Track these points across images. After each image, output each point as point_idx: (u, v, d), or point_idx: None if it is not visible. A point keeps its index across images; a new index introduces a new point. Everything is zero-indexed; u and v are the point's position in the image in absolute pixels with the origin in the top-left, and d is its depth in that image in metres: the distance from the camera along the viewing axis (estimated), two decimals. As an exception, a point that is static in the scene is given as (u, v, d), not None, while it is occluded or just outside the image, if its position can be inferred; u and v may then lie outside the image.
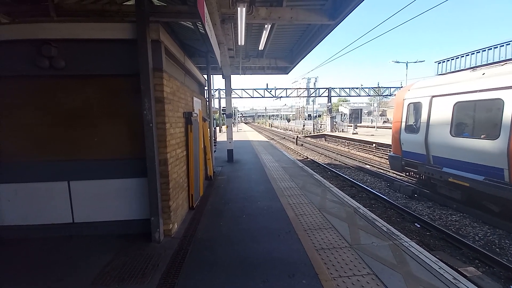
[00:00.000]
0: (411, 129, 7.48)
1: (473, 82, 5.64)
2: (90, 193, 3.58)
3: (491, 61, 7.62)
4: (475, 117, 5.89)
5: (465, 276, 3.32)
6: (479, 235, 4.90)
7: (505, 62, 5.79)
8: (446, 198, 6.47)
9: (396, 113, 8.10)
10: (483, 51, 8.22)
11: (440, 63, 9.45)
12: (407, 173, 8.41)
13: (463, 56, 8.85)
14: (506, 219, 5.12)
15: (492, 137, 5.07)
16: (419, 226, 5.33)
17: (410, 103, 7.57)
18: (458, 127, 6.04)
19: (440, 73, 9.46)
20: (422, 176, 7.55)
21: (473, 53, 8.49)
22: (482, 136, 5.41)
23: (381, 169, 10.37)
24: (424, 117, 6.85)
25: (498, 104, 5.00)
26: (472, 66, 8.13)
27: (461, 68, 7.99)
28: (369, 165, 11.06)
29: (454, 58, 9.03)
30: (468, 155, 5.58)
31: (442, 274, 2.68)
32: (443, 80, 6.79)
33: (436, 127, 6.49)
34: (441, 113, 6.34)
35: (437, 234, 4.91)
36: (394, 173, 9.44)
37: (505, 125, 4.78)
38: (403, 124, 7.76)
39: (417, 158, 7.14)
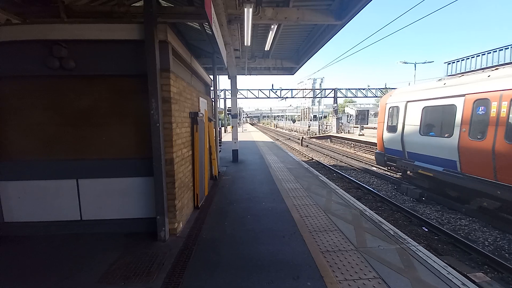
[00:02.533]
0: (391, 129, 8.58)
1: (437, 90, 6.85)
2: (98, 191, 3.64)
3: (503, 62, 7.45)
4: (437, 120, 6.96)
5: (474, 282, 3.24)
6: (489, 240, 4.79)
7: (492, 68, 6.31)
8: (452, 200, 6.36)
9: (380, 115, 9.31)
10: (494, 51, 8.04)
11: (450, 63, 9.29)
12: (389, 168, 9.59)
13: (473, 57, 8.67)
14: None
15: (449, 136, 6.23)
16: (427, 230, 5.24)
17: (390, 107, 8.75)
18: (425, 127, 7.17)
19: (450, 74, 9.28)
20: (400, 170, 8.72)
21: (484, 54, 8.31)
22: (442, 135, 6.56)
23: (388, 171, 10.24)
24: (401, 119, 8.10)
25: (453, 109, 6.20)
26: (482, 67, 7.97)
27: (472, 69, 7.97)
28: (376, 167, 10.92)
29: (465, 58, 8.85)
30: (432, 150, 6.77)
31: (450, 280, 2.62)
32: (416, 88, 8.18)
33: (409, 127, 7.71)
34: (413, 115, 7.57)
35: (446, 239, 4.82)
36: (400, 175, 9.34)
37: (457, 125, 5.99)
38: (385, 125, 8.93)
39: (396, 154, 8.36)
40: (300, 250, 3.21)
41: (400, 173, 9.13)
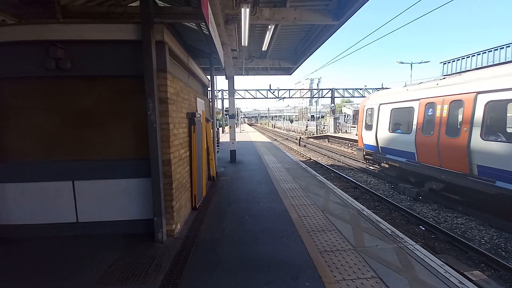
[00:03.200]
0: (368, 127, 9.93)
1: (402, 95, 8.26)
2: (94, 193, 3.61)
3: (498, 62, 7.55)
4: (402, 119, 8.25)
5: (471, 280, 3.27)
6: (485, 239, 4.83)
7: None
8: (444, 198, 6.42)
9: (360, 116, 10.70)
10: (489, 51, 8.15)
11: (445, 63, 9.37)
12: (367, 161, 10.72)
13: (469, 57, 8.78)
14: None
15: (409, 132, 7.60)
16: (424, 228, 5.27)
17: (368, 108, 10.13)
18: (393, 125, 8.59)
19: (445, 73, 9.38)
20: (376, 163, 10.10)
21: (479, 54, 8.41)
22: (405, 132, 7.92)
23: (371, 166, 10.35)
24: (375, 119, 9.44)
25: (411, 110, 7.59)
26: (478, 67, 8.08)
27: (467, 69, 8.21)
28: (373, 167, 10.97)
29: (460, 58, 8.94)
30: (398, 145, 8.17)
31: (448, 278, 2.64)
32: (387, 92, 9.62)
33: (381, 126, 9.08)
34: (384, 116, 8.96)
35: (443, 237, 4.85)
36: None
37: (414, 124, 7.38)
38: (364, 124, 10.29)
39: (372, 149, 9.77)
40: (299, 250, 3.21)
41: (377, 166, 10.48)
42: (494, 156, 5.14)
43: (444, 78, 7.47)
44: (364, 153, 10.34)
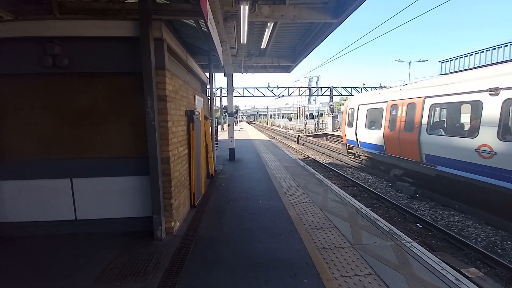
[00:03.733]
0: (350, 125, 11.51)
1: (375, 97, 9.86)
2: (93, 190, 3.60)
3: (496, 61, 7.59)
4: (375, 117, 9.72)
5: (467, 277, 3.30)
6: (481, 236, 4.88)
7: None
8: (445, 196, 6.48)
9: (344, 115, 12.43)
10: (487, 50, 8.18)
11: (444, 62, 9.41)
12: (350, 154, 12.23)
13: (466, 56, 8.80)
14: (509, 220, 5.10)
15: (380, 129, 9.14)
16: (421, 226, 5.32)
17: (349, 108, 11.67)
18: (369, 123, 10.06)
19: (444, 72, 9.42)
20: (356, 155, 11.60)
21: (477, 53, 8.44)
22: (377, 128, 9.45)
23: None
24: (355, 117, 10.92)
25: (381, 110, 9.13)
26: (475, 66, 8.13)
27: (465, 68, 8.40)
28: (356, 160, 11.11)
29: (458, 57, 8.97)
30: (372, 139, 9.66)
31: (444, 275, 2.67)
32: (365, 95, 11.43)
33: (360, 123, 10.57)
34: (362, 115, 10.44)
35: (439, 235, 4.89)
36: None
37: (383, 122, 8.93)
38: (346, 122, 11.87)
39: (353, 143, 11.37)
40: (297, 248, 3.23)
41: (357, 158, 11.77)
42: (436, 146, 6.62)
43: (406, 84, 9.79)
44: (347, 147, 12.12)
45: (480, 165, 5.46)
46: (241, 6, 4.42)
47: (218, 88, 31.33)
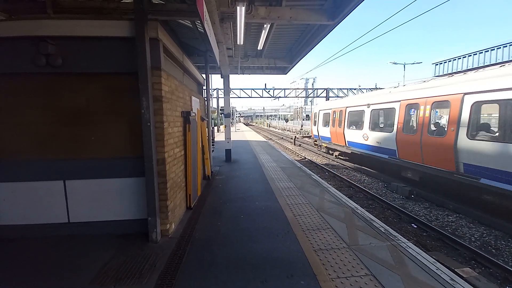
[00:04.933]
0: (314, 123, 16.22)
1: (326, 105, 14.74)
2: (87, 192, 3.54)
3: (489, 63, 7.71)
4: (326, 119, 14.16)
5: (461, 277, 3.34)
6: (475, 236, 4.94)
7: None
8: (442, 197, 6.55)
9: (311, 117, 17.78)
10: (480, 53, 8.31)
11: (437, 64, 9.52)
12: (315, 145, 16.60)
13: (460, 58, 8.93)
14: (502, 219, 5.17)
15: (328, 126, 13.36)
16: (416, 226, 5.36)
17: (315, 112, 16.53)
18: (324, 122, 14.51)
19: (438, 74, 9.55)
20: (318, 145, 15.98)
21: (470, 55, 8.57)
22: (327, 126, 13.77)
23: (376, 170, 10.40)
24: (317, 119, 15.59)
25: (330, 114, 13.44)
26: (468, 68, 8.25)
27: (458, 70, 8.49)
28: (366, 167, 11.10)
29: (452, 60, 9.09)
30: (326, 133, 13.95)
31: (439, 275, 2.69)
32: (323, 103, 16.36)
33: (320, 123, 15.09)
34: (321, 117, 15.04)
35: (434, 235, 4.94)
36: (389, 174, 9.59)
37: (331, 121, 13.17)
38: (312, 121, 16.91)
39: (316, 137, 15.98)
40: (294, 249, 3.22)
41: (319, 147, 16.01)
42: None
43: (337, 98, 16.31)
44: (313, 140, 16.83)
45: None
46: (238, 7, 4.42)
47: (215, 89, 31.26)
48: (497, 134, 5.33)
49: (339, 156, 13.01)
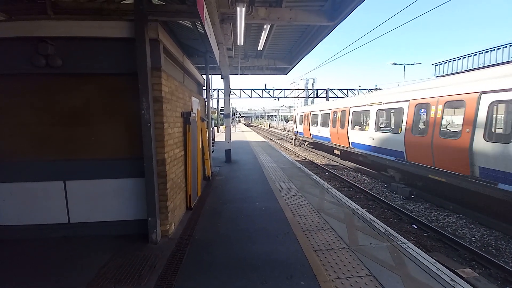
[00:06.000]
0: (295, 122, 21.26)
1: (302, 109, 20.22)
2: (87, 193, 3.54)
3: (488, 64, 7.71)
4: (301, 119, 19.37)
5: (462, 278, 3.33)
6: (476, 237, 4.93)
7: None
8: (441, 198, 6.54)
9: (293, 118, 22.79)
10: (480, 53, 8.31)
11: (437, 65, 9.52)
12: (296, 139, 21.38)
13: (460, 59, 8.93)
14: (503, 220, 5.16)
15: (304, 124, 18.66)
16: (416, 227, 5.35)
17: (295, 115, 21.60)
18: (300, 121, 19.92)
19: (438, 75, 9.54)
20: (299, 141, 20.46)
21: (470, 56, 8.57)
22: (305, 125, 18.19)
23: (376, 170, 10.42)
24: (296, 119, 21.16)
25: (306, 116, 18.19)
26: (469, 68, 8.25)
27: (459, 71, 8.47)
28: (367, 167, 11.10)
29: (452, 60, 9.09)
30: (301, 130, 19.51)
31: (439, 276, 2.68)
32: (301, 108, 21.78)
33: (298, 122, 20.49)
34: (298, 118, 20.30)
35: (434, 235, 4.93)
36: (384, 174, 9.61)
37: (306, 121, 18.12)
38: (294, 121, 22.26)
39: (296, 133, 21.12)
40: (294, 249, 3.22)
41: (300, 143, 20.42)
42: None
43: (312, 104, 22.77)
44: (295, 136, 21.42)
45: None
46: (238, 8, 4.43)
47: (215, 89, 31.27)
48: None
49: (309, 146, 18.58)
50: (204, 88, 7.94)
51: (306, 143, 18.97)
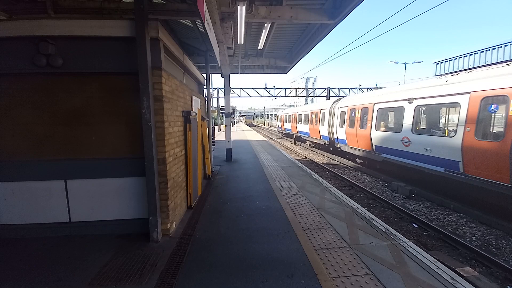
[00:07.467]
0: (283, 121, 28.63)
1: (288, 111, 27.31)
2: (88, 192, 3.55)
3: (489, 62, 7.69)
4: (288, 119, 25.40)
5: (462, 276, 3.34)
6: (476, 235, 4.93)
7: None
8: (442, 196, 6.53)
9: (282, 117, 29.91)
10: (481, 52, 8.29)
11: (438, 64, 9.49)
12: (283, 134, 29.32)
13: (461, 57, 8.91)
14: (503, 219, 5.16)
15: (291, 122, 24.27)
16: (416, 226, 5.36)
17: (280, 115, 31.27)
18: (287, 120, 26.42)
19: (438, 73, 9.52)
20: (286, 135, 28.10)
21: (471, 54, 8.55)
22: (289, 122, 24.81)
23: (376, 170, 10.42)
24: (281, 118, 29.81)
25: (292, 116, 23.83)
26: (470, 67, 8.23)
27: (459, 69, 8.41)
28: (367, 167, 11.11)
29: (453, 59, 9.07)
30: (288, 127, 25.36)
31: (440, 274, 2.69)
32: (288, 110, 28.77)
33: (285, 120, 27.40)
34: (284, 117, 27.76)
35: (435, 234, 4.94)
36: (388, 174, 9.57)
37: (292, 119, 23.48)
38: (283, 119, 28.67)
39: (286, 130, 26.95)
40: (294, 248, 3.23)
41: (285, 136, 26.86)
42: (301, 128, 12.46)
43: (297, 106, 29.99)
44: (284, 133, 26.83)
45: None
46: (238, 7, 4.41)
47: (215, 88, 31.23)
48: None
49: (285, 137, 26.04)
50: (205, 87, 7.93)
51: (283, 133, 28.44)
